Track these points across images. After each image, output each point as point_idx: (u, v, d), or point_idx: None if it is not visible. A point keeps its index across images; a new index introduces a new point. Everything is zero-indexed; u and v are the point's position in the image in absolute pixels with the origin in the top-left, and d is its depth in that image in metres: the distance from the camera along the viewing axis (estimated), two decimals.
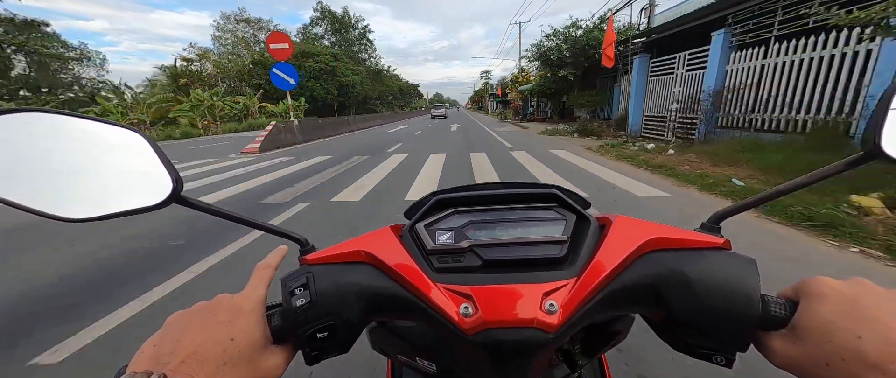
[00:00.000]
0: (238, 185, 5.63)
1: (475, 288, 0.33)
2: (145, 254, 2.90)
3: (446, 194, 0.45)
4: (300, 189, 5.12)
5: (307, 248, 0.40)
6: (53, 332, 1.86)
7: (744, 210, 0.36)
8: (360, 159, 7.95)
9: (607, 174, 5.48)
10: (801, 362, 0.27)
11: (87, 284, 2.41)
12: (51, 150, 0.31)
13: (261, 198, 4.76)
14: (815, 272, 0.34)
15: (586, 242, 0.36)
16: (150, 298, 2.18)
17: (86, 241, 3.21)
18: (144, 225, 3.51)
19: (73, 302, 2.16)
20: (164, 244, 3.07)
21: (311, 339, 0.33)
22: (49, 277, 2.53)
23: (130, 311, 2.04)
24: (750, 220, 3.23)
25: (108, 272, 2.60)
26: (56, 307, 2.11)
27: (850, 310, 0.26)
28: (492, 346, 0.31)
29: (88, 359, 1.68)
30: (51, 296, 2.27)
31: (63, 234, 3.35)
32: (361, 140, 13.55)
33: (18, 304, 2.18)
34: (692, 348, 0.33)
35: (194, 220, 3.57)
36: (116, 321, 1.95)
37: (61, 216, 0.31)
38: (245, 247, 2.94)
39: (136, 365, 0.27)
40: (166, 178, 0.34)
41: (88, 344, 1.77)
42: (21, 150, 0.30)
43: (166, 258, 2.78)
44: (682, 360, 1.48)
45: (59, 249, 3.06)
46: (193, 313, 0.31)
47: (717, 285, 0.31)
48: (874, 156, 0.29)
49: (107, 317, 1.98)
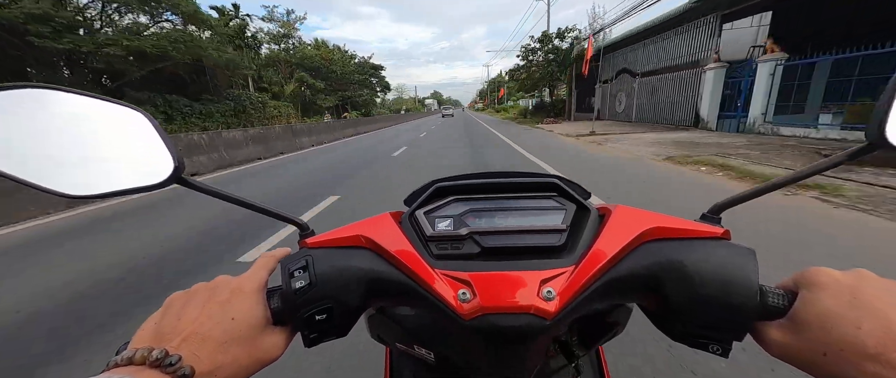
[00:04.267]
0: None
1: (473, 274, 0.33)
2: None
3: (446, 182, 0.45)
4: None
5: (307, 232, 0.40)
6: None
7: (744, 201, 0.36)
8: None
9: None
10: (799, 352, 0.27)
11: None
12: (53, 126, 0.31)
13: None
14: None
15: (585, 231, 0.36)
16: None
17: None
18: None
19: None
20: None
21: (309, 322, 0.33)
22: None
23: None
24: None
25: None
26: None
27: (850, 300, 0.26)
28: (489, 331, 0.31)
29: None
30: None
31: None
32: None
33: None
34: (689, 337, 0.33)
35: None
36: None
37: (62, 192, 0.32)
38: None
39: (138, 342, 0.28)
40: (167, 158, 0.34)
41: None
42: (23, 125, 0.30)
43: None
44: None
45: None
46: (194, 293, 0.31)
47: (716, 275, 0.31)
48: (878, 146, 0.28)
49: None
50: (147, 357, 0.25)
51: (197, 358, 0.26)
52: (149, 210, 4.60)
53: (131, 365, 0.25)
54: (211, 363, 0.27)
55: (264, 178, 7.01)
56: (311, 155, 10.52)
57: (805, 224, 3.12)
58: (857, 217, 3.26)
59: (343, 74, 39.37)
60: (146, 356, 0.25)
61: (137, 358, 0.25)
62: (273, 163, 9.09)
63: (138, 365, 0.25)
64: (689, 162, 6.18)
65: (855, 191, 3.91)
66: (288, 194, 5.39)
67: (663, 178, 5.29)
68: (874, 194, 3.80)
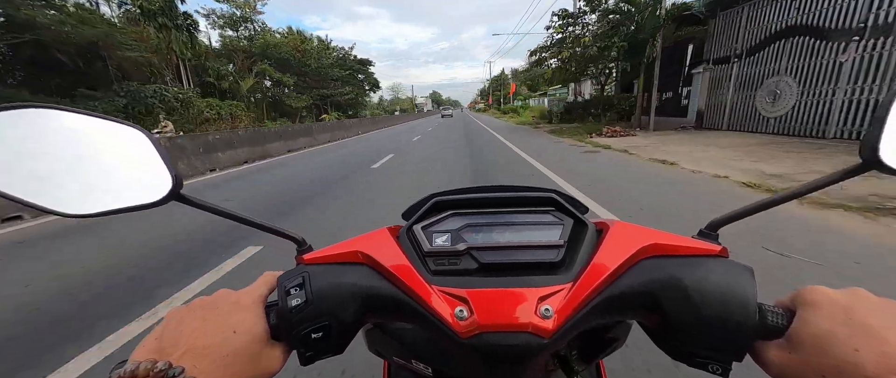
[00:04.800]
0: None
1: (471, 291, 0.33)
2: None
3: (444, 196, 0.45)
4: None
5: (304, 248, 0.40)
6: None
7: (743, 217, 0.36)
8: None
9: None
10: (798, 373, 0.27)
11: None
12: (51, 145, 0.31)
13: None
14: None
15: (583, 247, 0.36)
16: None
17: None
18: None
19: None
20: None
21: (305, 340, 0.33)
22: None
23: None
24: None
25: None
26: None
27: (846, 319, 0.25)
28: (486, 349, 0.31)
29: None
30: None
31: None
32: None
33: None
34: (689, 356, 0.32)
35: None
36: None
37: (62, 211, 0.32)
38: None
39: (140, 355, 0.27)
40: (166, 175, 0.34)
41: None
42: (23, 145, 0.30)
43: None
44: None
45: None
46: (194, 308, 0.31)
47: (714, 293, 0.30)
48: (872, 166, 0.28)
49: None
50: (151, 370, 0.25)
51: (199, 370, 0.26)
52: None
53: (135, 377, 0.25)
54: (212, 375, 0.27)
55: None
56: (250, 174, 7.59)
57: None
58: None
59: (320, 68, 32.15)
60: (150, 369, 0.25)
61: (141, 370, 0.25)
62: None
63: (142, 377, 0.24)
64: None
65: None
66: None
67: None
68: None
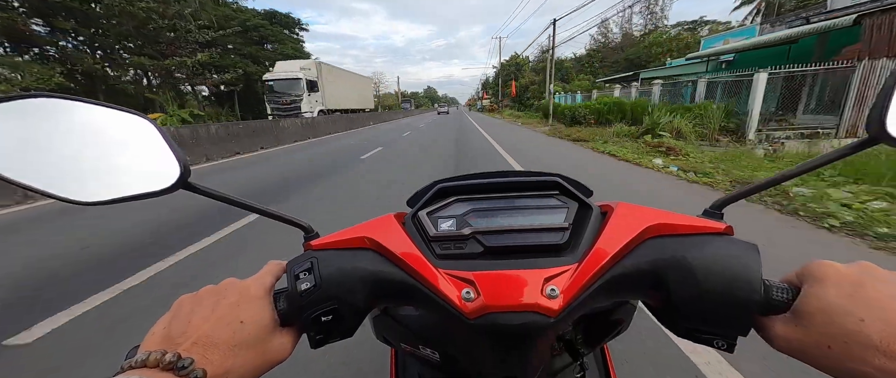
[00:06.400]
0: None
1: (477, 273, 0.33)
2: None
3: (448, 182, 0.45)
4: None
5: (311, 235, 0.40)
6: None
7: (746, 196, 0.36)
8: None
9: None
10: (804, 346, 0.27)
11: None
12: (60, 134, 0.31)
13: None
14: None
15: (588, 229, 0.36)
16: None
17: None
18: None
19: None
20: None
21: (315, 323, 0.34)
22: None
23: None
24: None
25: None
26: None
27: (853, 292, 0.26)
28: (493, 330, 0.32)
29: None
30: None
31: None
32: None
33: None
34: (693, 333, 0.33)
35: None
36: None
37: (73, 199, 0.32)
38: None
39: (149, 344, 0.28)
40: (174, 164, 0.34)
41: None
42: (31, 134, 0.31)
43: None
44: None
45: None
46: (202, 296, 0.32)
47: (719, 271, 0.31)
48: (880, 139, 0.28)
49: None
50: (160, 360, 0.25)
51: (208, 360, 0.27)
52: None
53: (145, 368, 0.25)
54: (222, 366, 0.27)
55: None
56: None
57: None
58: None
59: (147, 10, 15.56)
60: (159, 359, 0.25)
61: (151, 361, 0.25)
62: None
63: (152, 368, 0.25)
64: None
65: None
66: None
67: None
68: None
